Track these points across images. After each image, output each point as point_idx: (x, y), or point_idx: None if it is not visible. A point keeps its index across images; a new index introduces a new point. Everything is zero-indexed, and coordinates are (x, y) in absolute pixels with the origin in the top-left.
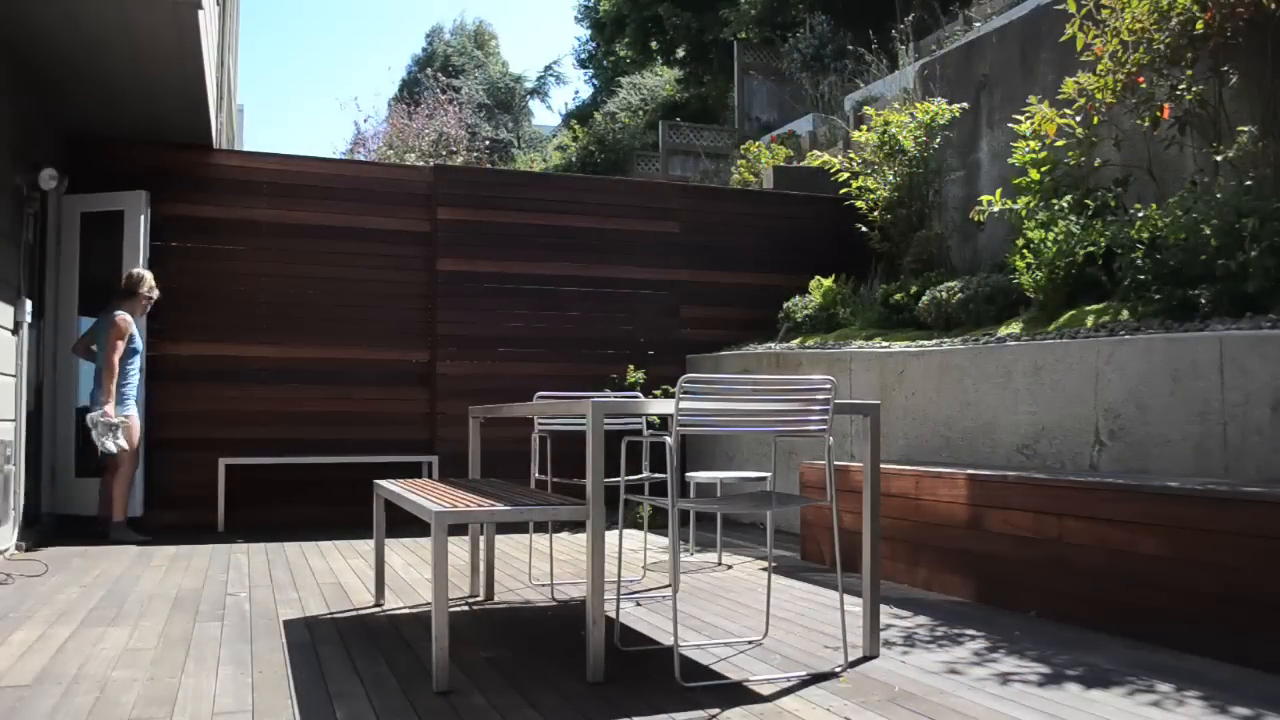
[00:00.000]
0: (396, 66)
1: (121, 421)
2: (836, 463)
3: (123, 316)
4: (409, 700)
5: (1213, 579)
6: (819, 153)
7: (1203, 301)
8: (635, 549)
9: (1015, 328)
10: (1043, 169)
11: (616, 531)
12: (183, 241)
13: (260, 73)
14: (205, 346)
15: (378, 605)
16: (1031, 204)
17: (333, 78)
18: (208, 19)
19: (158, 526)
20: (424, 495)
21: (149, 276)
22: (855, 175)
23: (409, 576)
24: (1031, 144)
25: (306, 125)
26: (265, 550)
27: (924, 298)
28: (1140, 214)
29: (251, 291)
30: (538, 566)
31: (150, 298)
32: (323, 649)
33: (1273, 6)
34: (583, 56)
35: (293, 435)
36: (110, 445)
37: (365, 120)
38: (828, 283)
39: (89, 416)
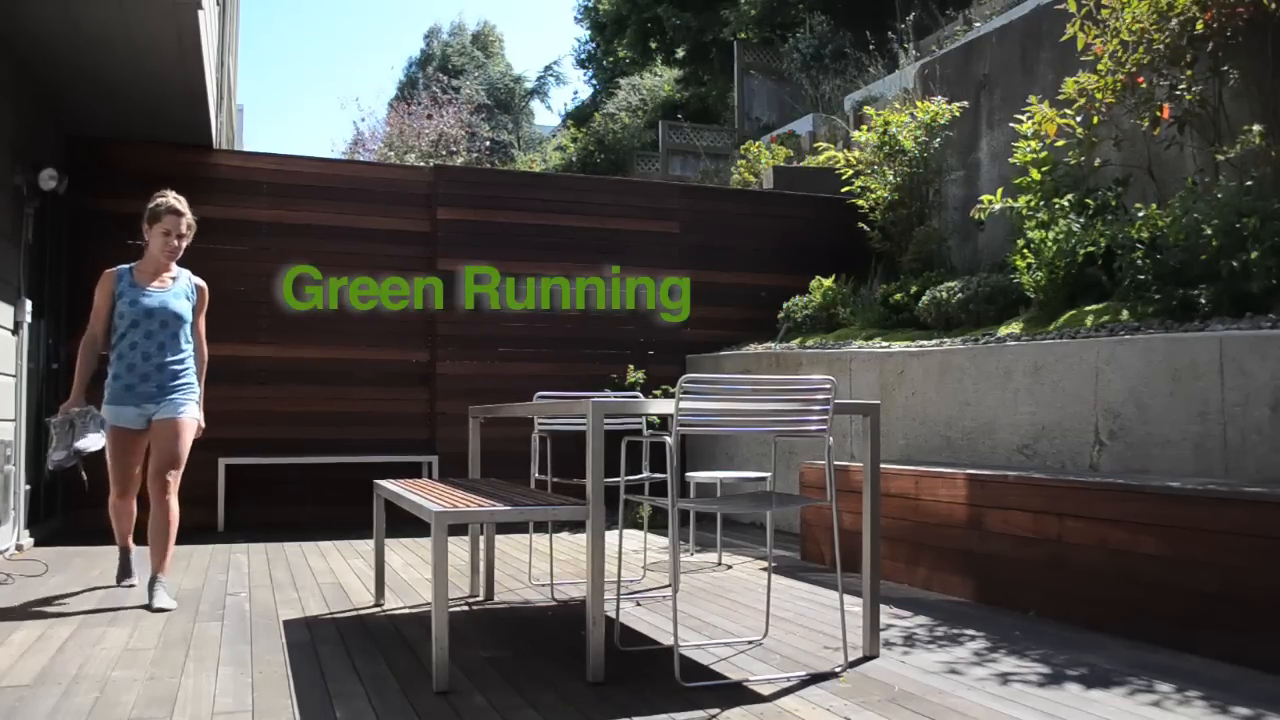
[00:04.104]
0: (397, 66)
1: (82, 412)
2: (836, 463)
3: (104, 274)
4: (409, 700)
5: (1213, 579)
6: (824, 144)
7: (1203, 301)
8: (635, 549)
9: (1015, 328)
10: (1043, 169)
11: (616, 531)
12: None
13: (260, 73)
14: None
15: (378, 605)
16: (1032, 204)
17: (333, 77)
18: (208, 19)
19: None
20: (424, 495)
21: (166, 210)
22: (858, 174)
23: (409, 576)
24: (1032, 144)
25: (306, 125)
26: (265, 550)
27: (924, 298)
28: (1140, 214)
29: (251, 291)
30: (538, 566)
31: (170, 242)
32: (323, 649)
33: (1272, 6)
34: (582, 57)
35: (293, 435)
36: (57, 453)
37: (363, 120)
38: (828, 283)
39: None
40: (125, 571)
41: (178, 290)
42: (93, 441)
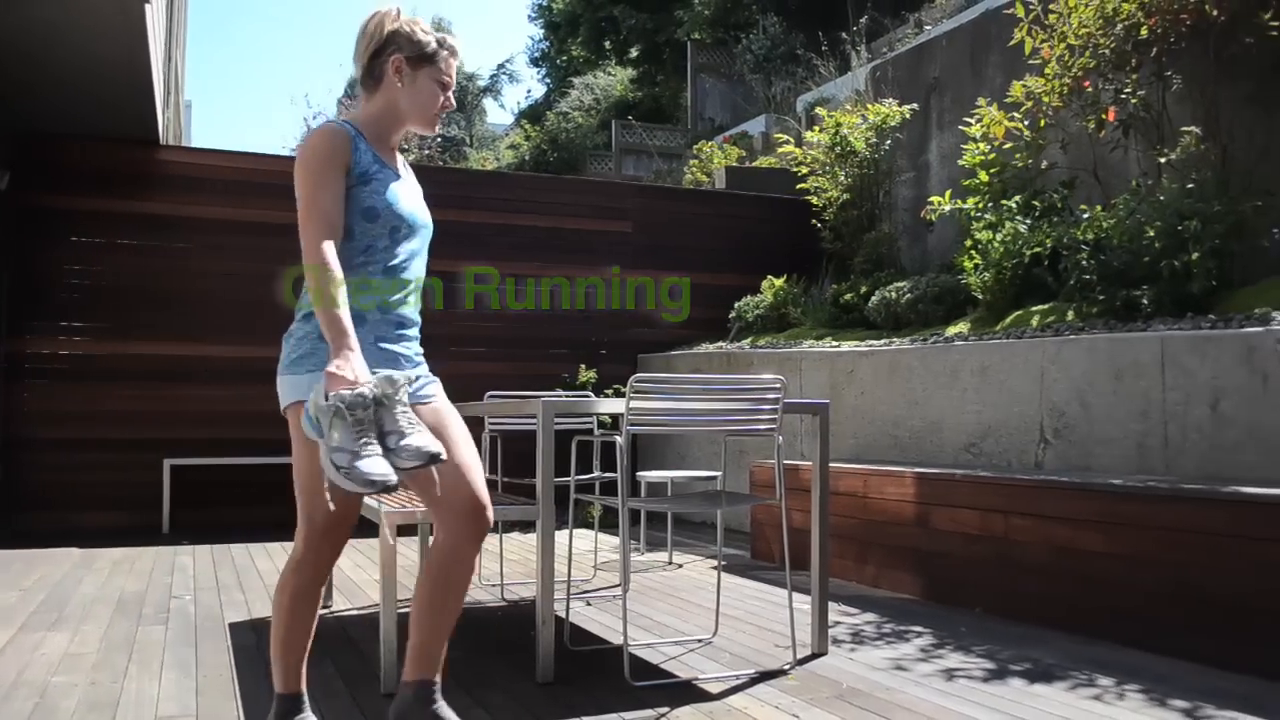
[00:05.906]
0: (347, 64)
1: (316, 399)
2: (787, 461)
3: (324, 130)
4: (356, 702)
5: (1154, 575)
6: (785, 136)
7: (1145, 302)
8: (586, 548)
9: (963, 328)
10: (991, 170)
11: (567, 531)
12: (130, 239)
13: (210, 69)
14: (150, 345)
15: (325, 607)
16: (980, 205)
17: (283, 75)
18: (154, 13)
19: (100, 529)
20: (372, 495)
21: (440, 45)
22: (813, 172)
23: (357, 577)
24: (980, 146)
25: (255, 122)
26: (211, 552)
27: (874, 298)
28: (1085, 215)
29: (188, 291)
30: (487, 566)
31: (447, 100)
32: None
33: (1214, 13)
34: (536, 55)
35: (237, 435)
36: (369, 461)
37: (315, 117)
38: (779, 283)
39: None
40: None
41: (416, 184)
42: (419, 443)
